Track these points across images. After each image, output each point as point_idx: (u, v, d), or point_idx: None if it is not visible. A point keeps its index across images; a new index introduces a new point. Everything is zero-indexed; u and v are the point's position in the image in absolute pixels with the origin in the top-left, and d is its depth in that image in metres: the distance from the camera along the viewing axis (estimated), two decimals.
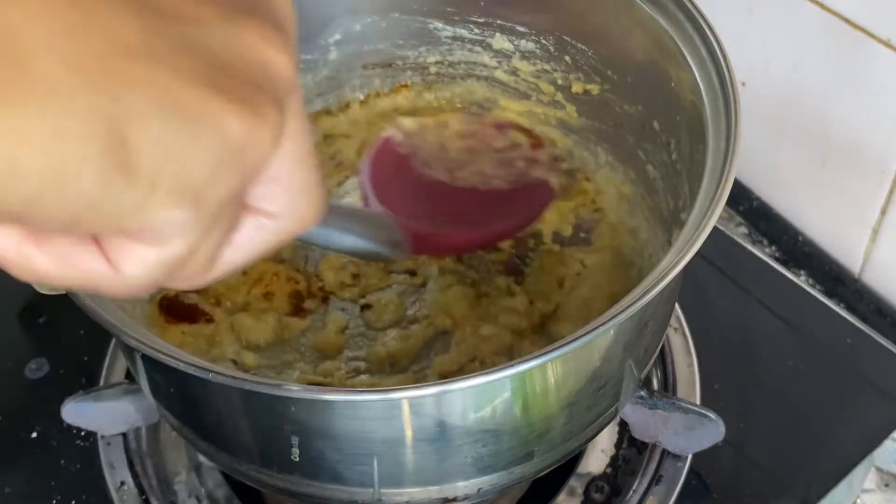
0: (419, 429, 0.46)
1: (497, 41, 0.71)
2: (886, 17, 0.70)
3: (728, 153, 0.49)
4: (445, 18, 0.72)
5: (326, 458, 0.48)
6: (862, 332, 0.75)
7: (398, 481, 0.49)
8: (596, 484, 0.66)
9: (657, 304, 0.52)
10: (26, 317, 0.79)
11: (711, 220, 0.46)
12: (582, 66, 0.68)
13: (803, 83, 0.79)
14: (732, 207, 0.90)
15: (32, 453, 0.70)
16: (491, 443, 0.48)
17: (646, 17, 0.59)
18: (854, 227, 0.81)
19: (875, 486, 0.71)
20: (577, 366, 0.49)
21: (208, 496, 0.66)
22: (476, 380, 0.42)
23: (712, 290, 0.78)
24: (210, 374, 0.42)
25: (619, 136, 0.68)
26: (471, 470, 0.49)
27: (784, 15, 0.77)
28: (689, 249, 0.45)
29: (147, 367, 0.52)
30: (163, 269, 0.28)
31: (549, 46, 0.69)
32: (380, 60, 0.75)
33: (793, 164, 0.85)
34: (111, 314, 0.46)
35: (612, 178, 0.70)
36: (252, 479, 0.53)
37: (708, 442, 0.62)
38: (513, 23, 0.70)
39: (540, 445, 0.51)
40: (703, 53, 0.55)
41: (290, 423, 0.46)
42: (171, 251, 0.28)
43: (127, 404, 0.63)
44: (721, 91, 0.53)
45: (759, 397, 0.71)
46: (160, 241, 0.27)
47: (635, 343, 0.52)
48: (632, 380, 0.54)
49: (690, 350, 0.71)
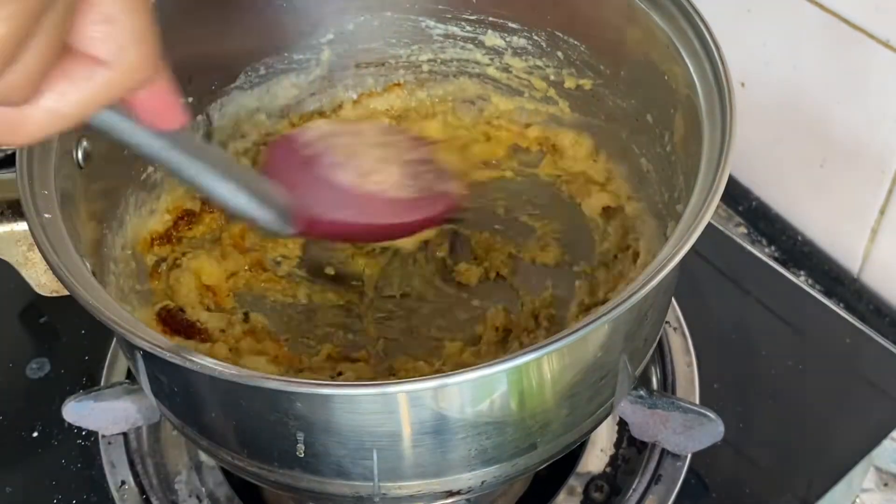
0: (418, 422, 0.47)
1: (489, 38, 0.72)
2: (885, 18, 0.70)
3: (724, 145, 0.49)
4: (437, 16, 0.72)
5: (328, 453, 0.48)
6: (861, 332, 0.75)
7: (399, 475, 0.49)
8: (595, 483, 0.66)
9: (655, 296, 0.52)
10: (27, 317, 0.79)
11: (708, 211, 0.46)
12: (574, 61, 0.69)
13: (802, 83, 0.79)
14: (732, 207, 0.90)
15: (33, 453, 0.70)
16: (494, 435, 0.49)
17: (638, 10, 0.59)
18: (853, 226, 0.81)
19: (874, 485, 0.71)
20: (576, 358, 0.49)
21: (209, 495, 0.66)
22: (473, 373, 0.43)
23: (711, 289, 0.78)
24: (217, 370, 0.43)
25: (612, 129, 0.69)
26: (474, 462, 0.50)
27: (783, 15, 0.78)
28: (686, 241, 0.45)
29: (148, 365, 0.53)
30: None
31: (542, 42, 0.70)
32: (373, 59, 0.75)
33: (792, 164, 0.85)
34: (113, 312, 0.46)
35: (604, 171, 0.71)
36: (253, 476, 0.54)
37: (707, 441, 0.62)
38: (504, 19, 0.70)
39: (542, 437, 0.51)
40: (697, 46, 0.55)
41: (293, 418, 0.47)
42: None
43: (127, 404, 0.63)
44: (715, 83, 0.53)
45: (759, 397, 0.71)
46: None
47: (634, 335, 0.52)
48: (626, 374, 0.54)
49: (690, 350, 0.72)
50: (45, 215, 0.50)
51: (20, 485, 0.69)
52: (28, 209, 0.50)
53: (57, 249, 0.48)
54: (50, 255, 0.48)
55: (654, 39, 0.58)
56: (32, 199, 0.50)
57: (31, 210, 0.50)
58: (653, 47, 0.59)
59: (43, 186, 0.51)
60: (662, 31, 0.58)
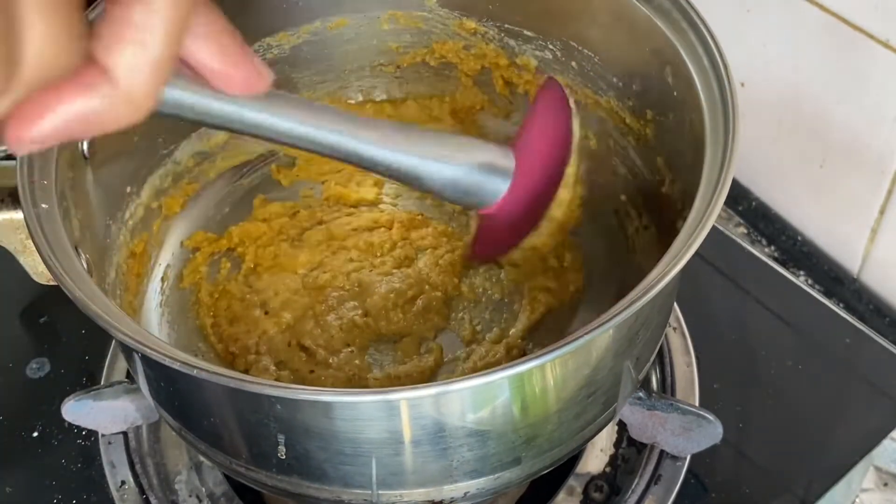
0: (419, 429, 0.46)
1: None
2: (885, 18, 0.70)
3: (725, 161, 0.49)
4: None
5: (319, 458, 0.48)
6: (861, 332, 0.75)
7: (390, 483, 0.49)
8: (595, 483, 0.66)
9: (654, 305, 0.52)
10: (27, 317, 0.79)
11: (708, 223, 0.46)
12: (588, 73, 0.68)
13: (802, 83, 0.79)
14: (731, 207, 0.90)
15: (33, 453, 0.70)
16: (476, 447, 0.48)
17: (645, 20, 0.59)
18: (853, 226, 0.81)
19: (874, 485, 0.71)
20: (576, 366, 0.49)
21: (209, 495, 0.67)
22: (471, 381, 0.42)
23: (711, 289, 0.78)
24: (229, 381, 0.42)
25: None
26: (457, 473, 0.50)
27: (783, 15, 0.78)
28: (686, 251, 0.45)
29: (144, 365, 0.53)
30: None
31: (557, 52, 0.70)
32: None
33: (792, 164, 0.85)
34: (100, 306, 0.46)
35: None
36: (250, 480, 0.54)
37: (706, 443, 0.62)
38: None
39: (528, 451, 0.51)
40: (698, 48, 0.55)
41: (276, 420, 0.47)
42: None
43: (127, 403, 0.63)
44: (720, 97, 0.52)
45: (758, 397, 0.71)
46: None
47: (634, 343, 0.52)
48: (629, 381, 0.54)
49: (689, 350, 0.72)
50: (42, 205, 0.50)
51: (20, 485, 0.69)
52: (24, 198, 0.50)
53: (50, 240, 0.48)
54: (42, 245, 0.48)
55: (658, 48, 0.58)
56: (30, 189, 0.50)
57: (27, 199, 0.50)
58: (657, 56, 0.59)
59: (43, 176, 0.51)
60: (661, 31, 0.57)
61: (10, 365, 0.76)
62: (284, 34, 0.70)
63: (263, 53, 0.70)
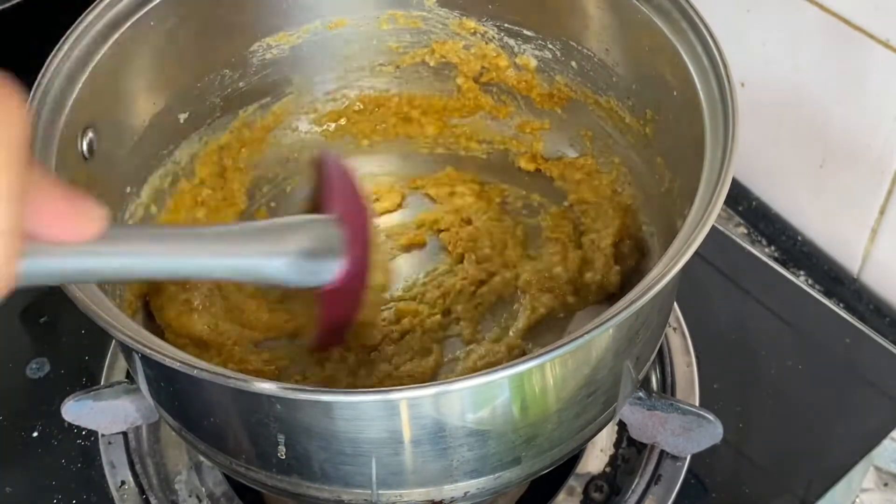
0: (419, 428, 0.46)
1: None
2: (885, 18, 0.70)
3: (724, 160, 0.49)
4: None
5: (319, 458, 0.48)
6: (861, 332, 0.75)
7: (390, 483, 0.49)
8: (595, 483, 0.66)
9: (654, 305, 0.52)
10: (27, 317, 0.79)
11: (707, 222, 0.46)
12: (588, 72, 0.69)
13: (802, 83, 0.79)
14: (732, 207, 0.90)
15: (33, 453, 0.70)
16: (476, 447, 0.48)
17: (644, 20, 0.59)
18: (853, 227, 0.81)
19: (874, 485, 0.71)
20: (576, 366, 0.49)
21: (209, 495, 0.67)
22: (471, 381, 0.42)
23: (711, 289, 0.78)
24: (229, 380, 0.42)
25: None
26: (457, 473, 0.50)
27: (783, 15, 0.78)
28: (685, 251, 0.45)
29: (144, 365, 0.53)
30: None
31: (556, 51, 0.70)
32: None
33: (792, 164, 0.85)
34: (106, 311, 0.46)
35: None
36: (250, 480, 0.54)
37: (706, 443, 0.62)
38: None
39: (528, 451, 0.51)
40: (698, 48, 0.55)
41: (276, 420, 0.47)
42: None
43: (127, 403, 0.63)
44: (720, 97, 0.53)
45: (758, 397, 0.71)
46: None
47: (634, 342, 0.52)
48: (629, 380, 0.54)
49: (689, 350, 0.71)
50: None
51: (20, 485, 0.69)
52: None
53: None
54: None
55: (659, 50, 0.58)
56: None
57: None
58: (657, 57, 0.59)
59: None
60: (661, 31, 0.57)
61: (10, 365, 0.76)
62: (284, 34, 0.70)
63: (263, 53, 0.70)
